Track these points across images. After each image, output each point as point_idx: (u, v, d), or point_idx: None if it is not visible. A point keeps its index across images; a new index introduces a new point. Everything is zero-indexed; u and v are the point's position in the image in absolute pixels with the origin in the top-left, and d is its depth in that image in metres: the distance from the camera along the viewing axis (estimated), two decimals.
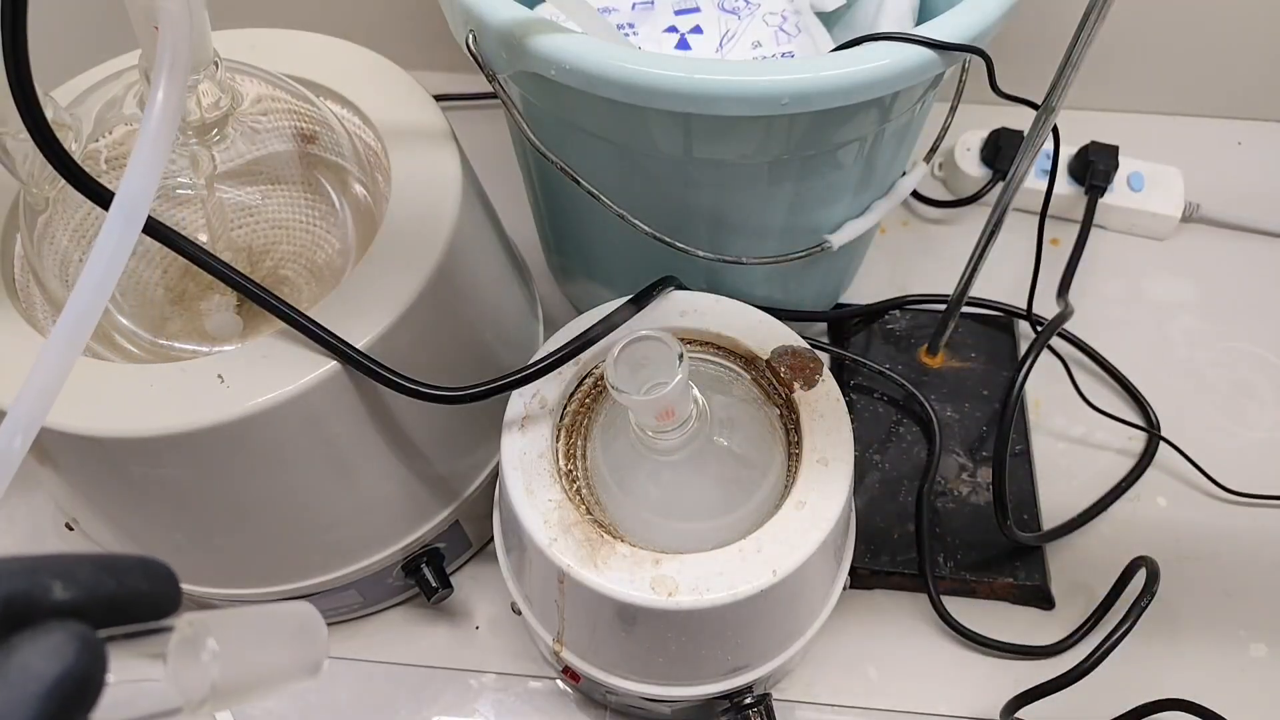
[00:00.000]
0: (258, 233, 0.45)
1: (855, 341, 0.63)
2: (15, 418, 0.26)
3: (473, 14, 0.41)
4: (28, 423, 0.26)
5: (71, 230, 0.43)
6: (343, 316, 0.39)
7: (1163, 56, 0.73)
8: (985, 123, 0.72)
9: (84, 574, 0.19)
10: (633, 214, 0.46)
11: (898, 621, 0.53)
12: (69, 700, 0.17)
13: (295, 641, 0.23)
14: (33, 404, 0.26)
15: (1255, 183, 0.72)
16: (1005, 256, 0.62)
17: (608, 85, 0.39)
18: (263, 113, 0.44)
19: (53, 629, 0.18)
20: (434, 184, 0.44)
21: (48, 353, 0.26)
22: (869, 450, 0.58)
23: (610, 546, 0.38)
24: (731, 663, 0.42)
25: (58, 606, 0.19)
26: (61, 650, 0.18)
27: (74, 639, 0.18)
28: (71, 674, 0.17)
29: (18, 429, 0.26)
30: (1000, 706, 0.49)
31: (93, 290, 0.27)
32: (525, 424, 0.41)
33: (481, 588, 0.55)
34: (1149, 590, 0.48)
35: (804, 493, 0.39)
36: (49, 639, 0.18)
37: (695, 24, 0.52)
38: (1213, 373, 0.63)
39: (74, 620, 0.18)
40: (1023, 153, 0.46)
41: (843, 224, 0.52)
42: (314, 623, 0.24)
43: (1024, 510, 0.56)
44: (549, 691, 0.52)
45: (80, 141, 0.40)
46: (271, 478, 0.42)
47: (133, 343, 0.43)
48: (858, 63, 0.39)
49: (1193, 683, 0.49)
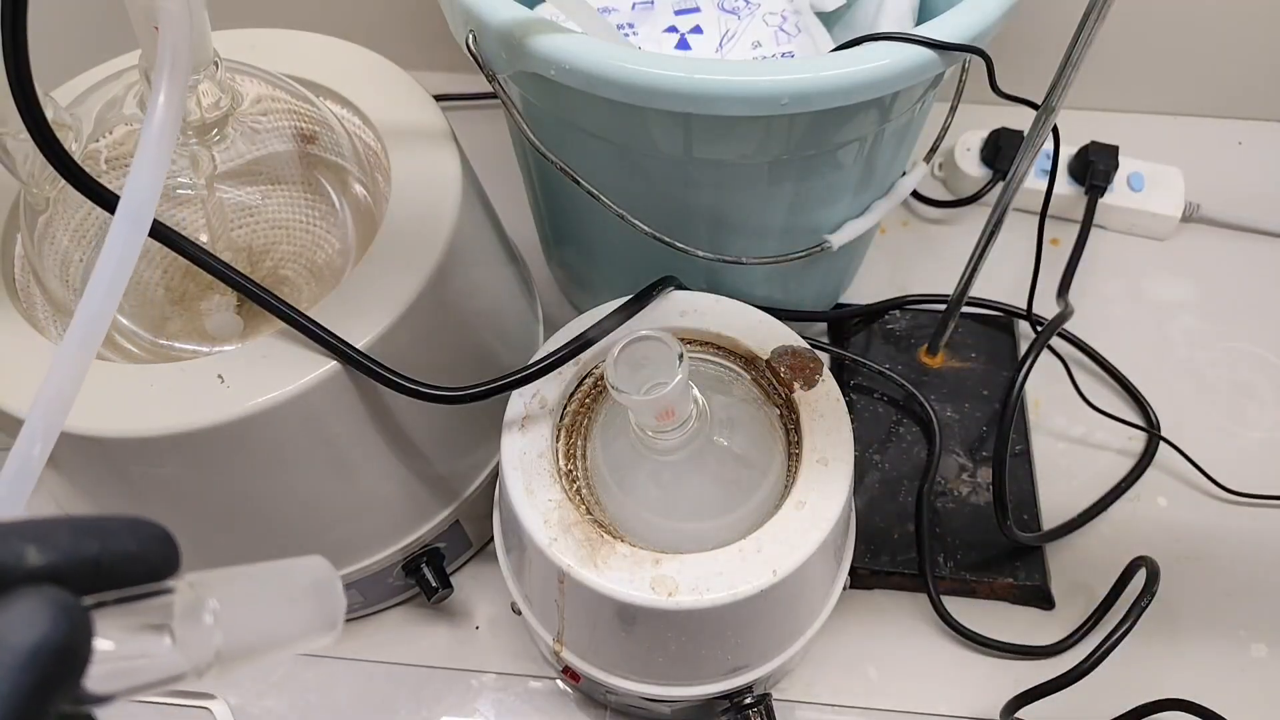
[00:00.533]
0: (258, 233, 0.45)
1: (855, 341, 0.63)
2: (33, 425, 0.26)
3: (473, 14, 0.41)
4: (46, 430, 0.26)
5: (72, 230, 0.43)
6: (343, 316, 0.39)
7: (1163, 56, 0.73)
8: (985, 123, 0.72)
9: (62, 537, 0.18)
10: (633, 214, 0.46)
11: (898, 621, 0.53)
12: (50, 671, 0.16)
13: (307, 598, 0.22)
14: (50, 411, 0.26)
15: (1255, 183, 0.72)
16: (1005, 256, 0.62)
17: (608, 85, 0.39)
18: (263, 113, 0.44)
19: (26, 595, 0.17)
20: (434, 184, 0.44)
21: (61, 358, 0.26)
22: (869, 450, 0.58)
23: (610, 546, 0.38)
24: (731, 663, 0.42)
25: (32, 573, 0.17)
26: (35, 618, 0.16)
27: (49, 605, 0.17)
28: (49, 643, 0.16)
29: (36, 437, 0.26)
30: (1000, 706, 0.49)
31: (103, 294, 0.26)
32: (525, 424, 0.41)
33: (481, 588, 0.55)
34: (1149, 590, 0.48)
35: (804, 493, 0.39)
36: (21, 606, 0.17)
37: (695, 24, 0.52)
38: (1213, 373, 0.63)
39: (51, 586, 0.17)
40: (1023, 153, 0.46)
41: (843, 224, 0.52)
42: (327, 577, 0.22)
43: (1024, 510, 0.56)
44: (549, 691, 0.52)
45: (80, 141, 0.40)
46: (271, 478, 0.42)
47: (133, 343, 0.43)
48: (858, 63, 0.39)
49: (1193, 683, 0.49)
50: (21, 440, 0.25)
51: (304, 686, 0.52)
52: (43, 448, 0.26)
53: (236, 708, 0.51)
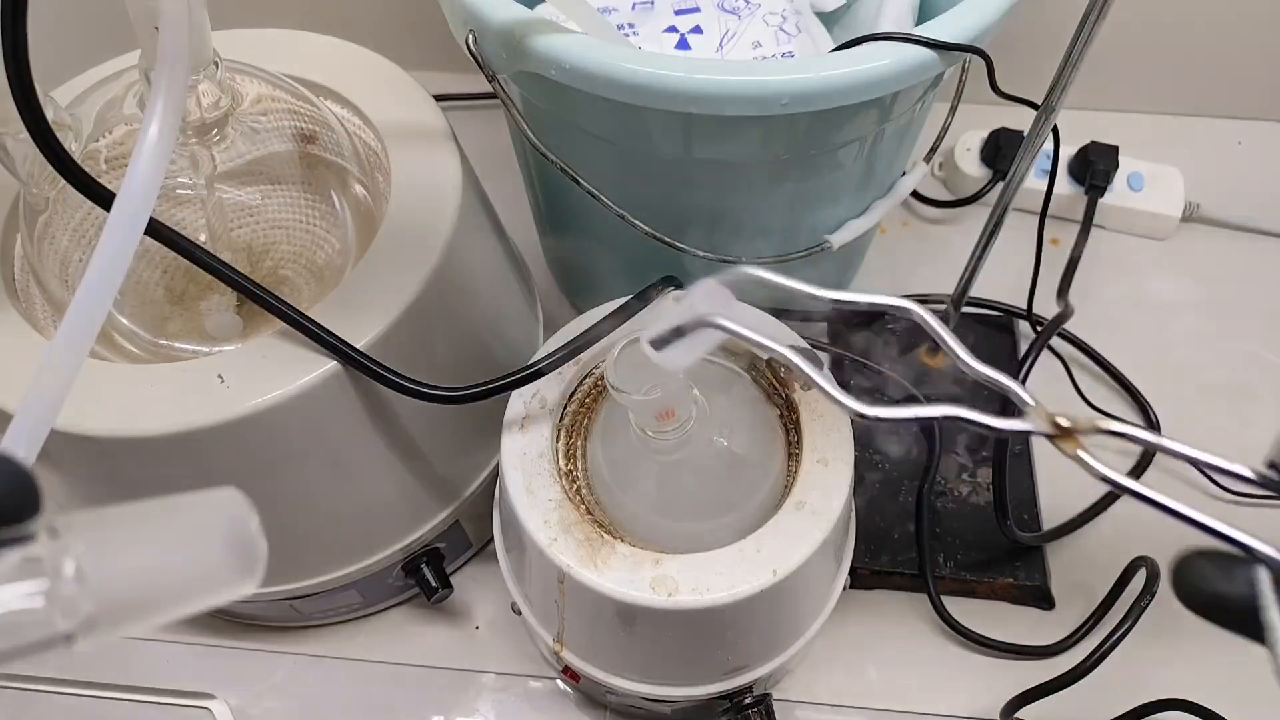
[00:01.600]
0: (258, 233, 0.45)
1: (855, 341, 0.63)
2: (19, 427, 0.25)
3: (473, 14, 0.41)
4: (32, 433, 0.25)
5: (71, 230, 0.43)
6: (343, 316, 0.39)
7: (1163, 56, 0.73)
8: (985, 123, 0.72)
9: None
10: (633, 214, 0.46)
11: (898, 621, 0.53)
12: None
13: (213, 540, 0.18)
14: (38, 411, 0.25)
15: (1255, 183, 0.72)
16: (1005, 256, 0.61)
17: (608, 85, 0.39)
18: (263, 113, 0.44)
19: None
20: (434, 184, 0.44)
21: (52, 358, 0.26)
22: (869, 450, 0.58)
23: (610, 546, 0.38)
24: (731, 663, 0.42)
25: None
26: None
27: None
28: None
29: (20, 441, 0.25)
30: (1000, 706, 0.49)
31: (95, 292, 0.26)
32: (525, 424, 0.41)
33: (481, 588, 0.55)
34: (1149, 590, 0.48)
35: (804, 493, 0.39)
36: None
37: (695, 24, 0.52)
38: (1213, 373, 0.63)
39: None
40: (1023, 153, 0.46)
41: (843, 224, 0.52)
42: (239, 513, 0.19)
43: (1024, 510, 0.56)
44: (549, 691, 0.52)
45: (80, 141, 0.40)
46: (271, 478, 0.42)
47: (133, 343, 0.43)
48: (858, 63, 0.39)
49: (1193, 683, 0.49)
50: (6, 442, 0.25)
51: (304, 686, 0.52)
52: (26, 453, 0.25)
53: (236, 708, 0.51)
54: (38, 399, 0.26)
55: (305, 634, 0.54)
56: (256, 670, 0.53)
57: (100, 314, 0.27)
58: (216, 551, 0.18)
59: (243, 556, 0.18)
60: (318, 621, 0.53)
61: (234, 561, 0.18)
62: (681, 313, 0.27)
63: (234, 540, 0.18)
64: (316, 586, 0.48)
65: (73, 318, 0.26)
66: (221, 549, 0.18)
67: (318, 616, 0.53)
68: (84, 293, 0.26)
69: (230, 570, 0.18)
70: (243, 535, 0.18)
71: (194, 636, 0.54)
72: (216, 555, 0.18)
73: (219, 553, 0.18)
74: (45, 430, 0.26)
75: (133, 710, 0.51)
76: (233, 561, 0.18)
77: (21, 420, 0.25)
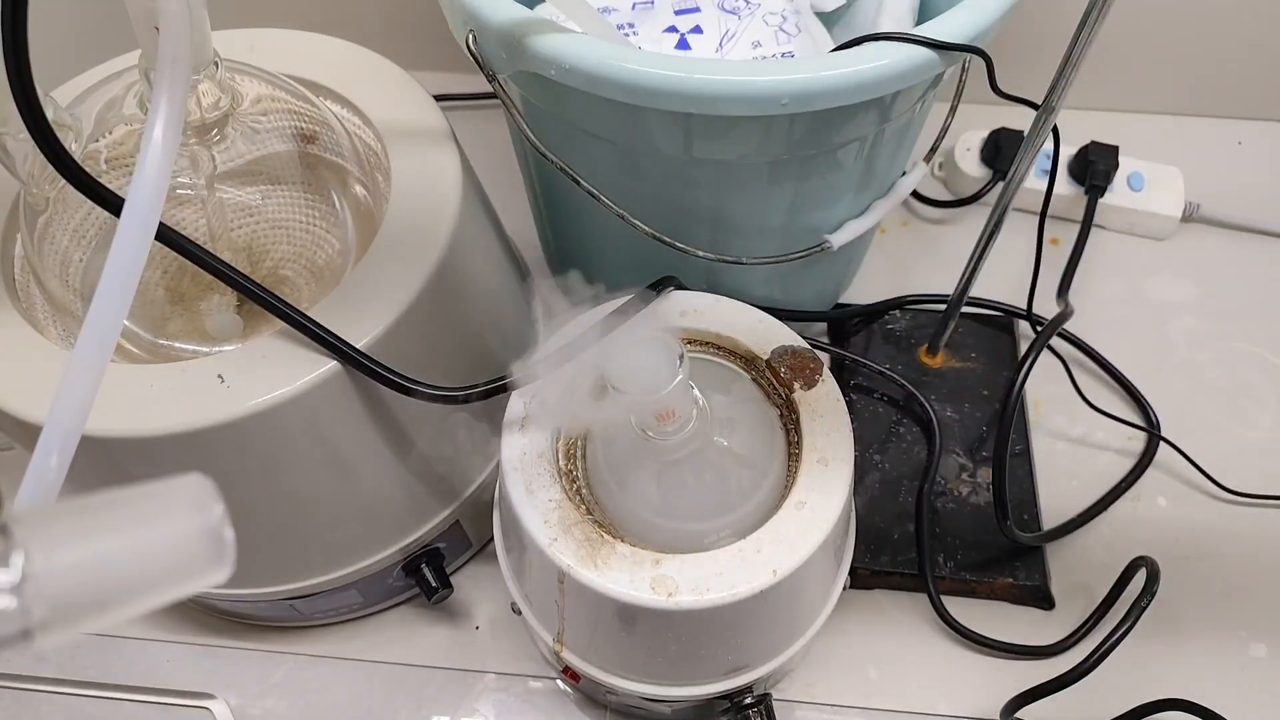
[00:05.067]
0: (258, 233, 0.45)
1: (855, 341, 0.63)
2: (50, 437, 0.25)
3: (473, 14, 0.41)
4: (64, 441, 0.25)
5: (71, 230, 0.43)
6: (343, 316, 0.39)
7: (1163, 56, 0.73)
8: (985, 123, 0.72)
9: None
10: (633, 214, 0.46)
11: (898, 621, 0.53)
12: None
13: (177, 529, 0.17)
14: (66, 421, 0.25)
15: (1255, 183, 0.72)
16: (1005, 256, 0.62)
17: (608, 85, 0.39)
18: (263, 113, 0.44)
19: None
20: (434, 184, 0.44)
21: (75, 368, 0.25)
22: (869, 450, 0.58)
23: (610, 546, 0.38)
24: (731, 663, 0.42)
25: None
26: None
27: None
28: None
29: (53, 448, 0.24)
30: (1000, 706, 0.49)
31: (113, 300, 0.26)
32: (525, 424, 0.41)
33: (481, 588, 0.55)
34: (1149, 590, 0.48)
35: (804, 493, 0.39)
36: None
37: (695, 24, 0.52)
38: (1213, 373, 0.63)
39: None
40: (1023, 153, 0.46)
41: (843, 224, 0.52)
42: (204, 499, 0.18)
43: (1024, 510, 0.56)
44: (549, 691, 0.52)
45: (80, 141, 0.40)
46: (271, 478, 0.42)
47: (133, 343, 0.43)
48: (858, 63, 0.39)
49: (1193, 683, 0.49)
50: (38, 452, 0.25)
51: (304, 686, 0.52)
52: (60, 459, 0.24)
53: (236, 708, 0.51)
54: (65, 408, 0.25)
55: (305, 634, 0.54)
56: (256, 670, 0.53)
57: (120, 317, 0.26)
58: (181, 538, 0.18)
59: (209, 542, 0.18)
60: (318, 621, 0.53)
61: (201, 548, 0.18)
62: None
63: (200, 527, 0.18)
64: (317, 586, 0.48)
65: (91, 322, 0.26)
66: (186, 535, 0.18)
67: (318, 616, 0.53)
68: (102, 296, 0.26)
69: (199, 559, 0.18)
70: (208, 521, 0.18)
71: (194, 636, 0.54)
72: (181, 542, 0.18)
73: (184, 540, 0.18)
74: (75, 440, 0.25)
75: (133, 710, 0.51)
76: (200, 549, 0.18)
77: (51, 431, 0.25)
